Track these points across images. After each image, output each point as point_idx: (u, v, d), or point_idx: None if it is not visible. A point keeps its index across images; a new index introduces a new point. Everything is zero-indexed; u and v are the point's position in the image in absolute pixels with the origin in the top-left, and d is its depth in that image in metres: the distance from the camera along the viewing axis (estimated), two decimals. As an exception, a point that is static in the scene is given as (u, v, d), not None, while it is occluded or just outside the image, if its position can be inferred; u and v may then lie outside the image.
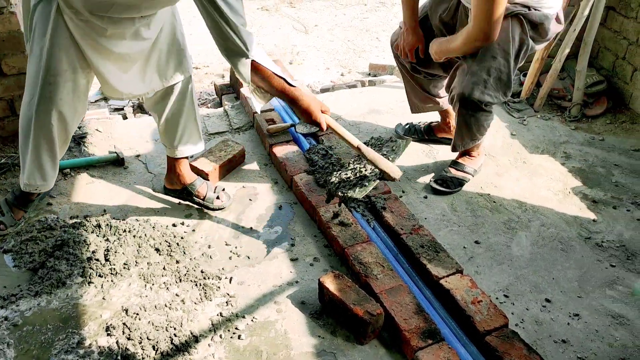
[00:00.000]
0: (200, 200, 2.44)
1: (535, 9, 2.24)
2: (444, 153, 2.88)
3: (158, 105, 2.27)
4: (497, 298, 2.09)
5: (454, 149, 2.60)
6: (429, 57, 2.50)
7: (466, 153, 2.67)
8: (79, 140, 2.78)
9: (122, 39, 1.91)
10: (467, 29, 2.21)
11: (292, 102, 1.94)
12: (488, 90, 2.29)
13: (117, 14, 1.82)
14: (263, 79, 1.91)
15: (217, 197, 2.46)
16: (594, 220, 2.48)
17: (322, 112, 1.98)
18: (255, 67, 1.88)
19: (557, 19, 2.34)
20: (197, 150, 2.43)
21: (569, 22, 3.14)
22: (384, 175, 2.04)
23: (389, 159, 2.07)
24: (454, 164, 2.66)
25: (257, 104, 2.06)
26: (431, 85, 2.72)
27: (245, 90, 3.12)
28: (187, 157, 2.43)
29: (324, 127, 1.98)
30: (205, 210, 2.43)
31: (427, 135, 2.94)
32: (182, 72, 2.19)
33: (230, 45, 1.81)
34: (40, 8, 1.84)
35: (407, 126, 2.97)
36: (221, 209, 2.45)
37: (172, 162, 2.43)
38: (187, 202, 2.47)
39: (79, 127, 2.87)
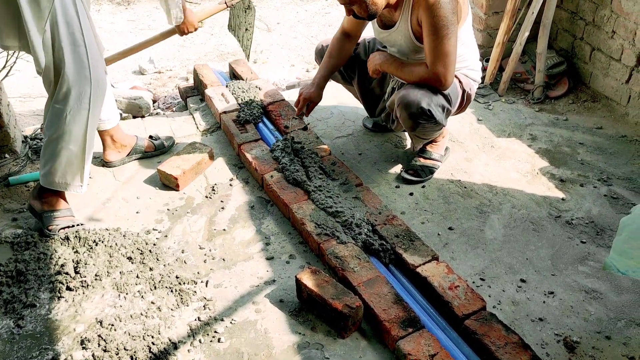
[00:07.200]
0: (154, 152, 2.73)
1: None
2: (413, 142, 2.89)
3: None
4: (473, 282, 2.10)
5: (413, 149, 2.68)
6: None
7: (431, 140, 2.68)
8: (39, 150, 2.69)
9: None
10: (424, 71, 2.27)
11: None
12: (433, 104, 2.31)
13: None
14: None
15: (158, 139, 2.76)
16: (562, 199, 2.53)
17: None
18: None
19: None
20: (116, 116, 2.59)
21: (527, 5, 3.18)
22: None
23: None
24: (422, 152, 2.68)
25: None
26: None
27: (210, 91, 3.07)
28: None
29: None
30: (175, 215, 2.39)
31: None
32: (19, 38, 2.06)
33: None
34: None
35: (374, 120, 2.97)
36: (172, 144, 2.79)
37: (107, 136, 2.59)
38: (158, 208, 2.42)
39: (40, 139, 2.78)
